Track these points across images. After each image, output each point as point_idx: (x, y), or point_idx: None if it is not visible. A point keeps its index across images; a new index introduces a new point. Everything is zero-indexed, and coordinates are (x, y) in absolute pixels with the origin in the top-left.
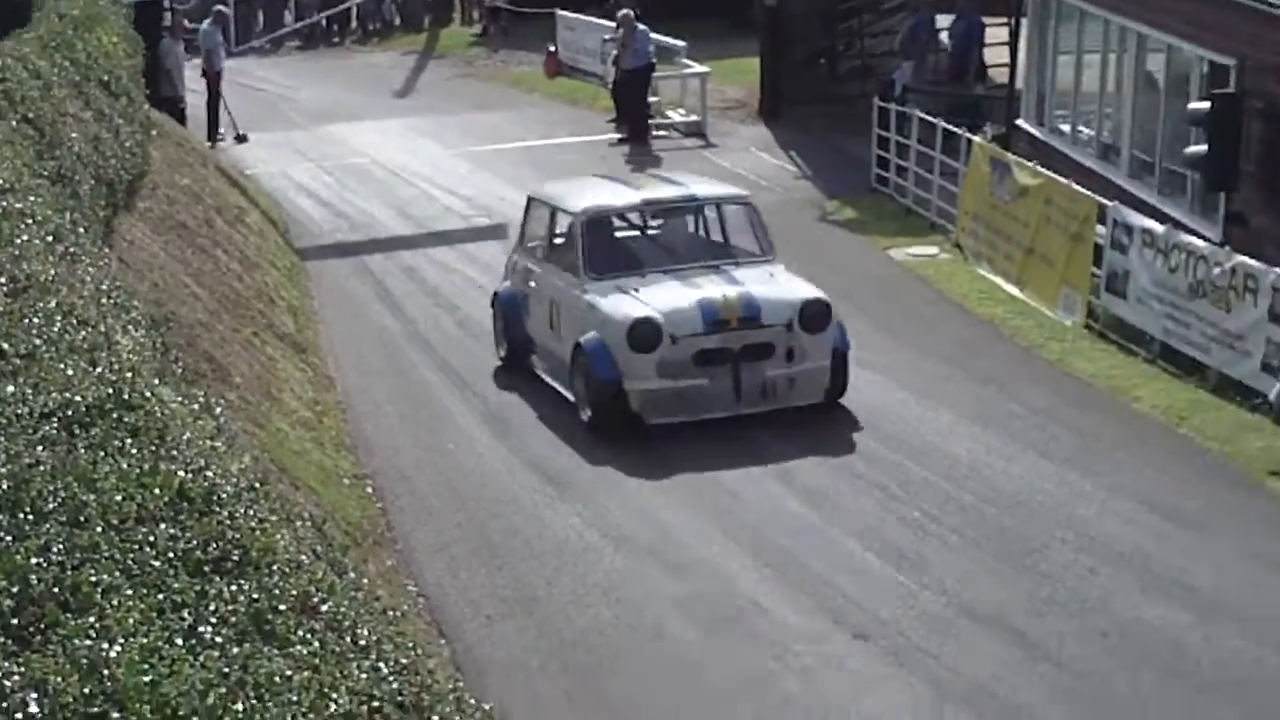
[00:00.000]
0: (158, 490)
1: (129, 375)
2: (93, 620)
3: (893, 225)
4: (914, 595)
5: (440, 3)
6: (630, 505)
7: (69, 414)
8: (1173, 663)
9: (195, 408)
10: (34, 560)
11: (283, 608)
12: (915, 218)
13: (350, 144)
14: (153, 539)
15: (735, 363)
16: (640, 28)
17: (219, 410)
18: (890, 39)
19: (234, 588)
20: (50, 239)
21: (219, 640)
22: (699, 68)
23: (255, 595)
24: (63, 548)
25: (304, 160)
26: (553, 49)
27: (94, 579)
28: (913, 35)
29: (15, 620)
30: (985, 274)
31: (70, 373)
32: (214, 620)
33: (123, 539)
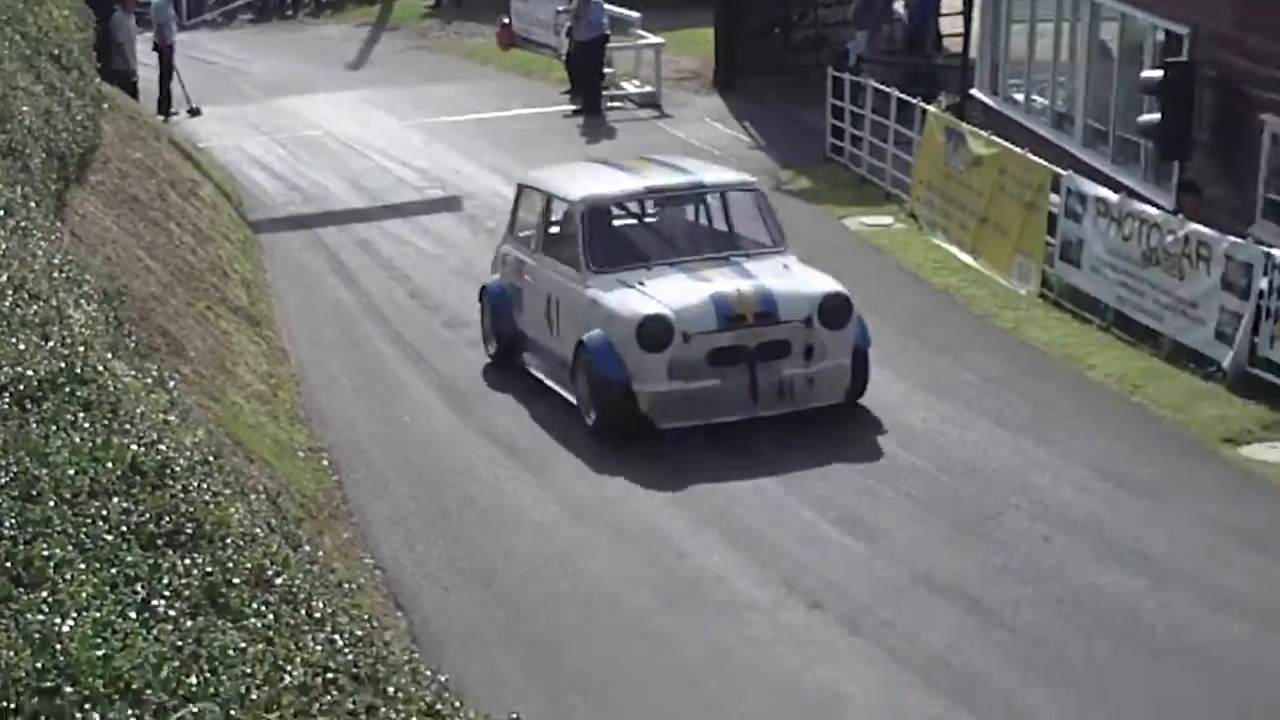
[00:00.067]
0: (110, 464)
1: (81, 349)
2: (45, 594)
3: (847, 195)
4: (868, 563)
5: None
6: (587, 475)
7: (21, 388)
8: (1127, 629)
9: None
10: None
11: (236, 581)
12: (870, 187)
13: (303, 116)
14: (105, 513)
15: (751, 362)
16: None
17: (172, 384)
18: (844, 9)
19: (187, 561)
20: (1, 213)
21: (172, 614)
22: (653, 39)
23: (209, 568)
24: (15, 522)
25: (257, 133)
26: (506, 21)
27: (46, 553)
28: (866, 5)
29: None
30: (940, 243)
31: (22, 347)
32: (167, 594)
33: (75, 513)
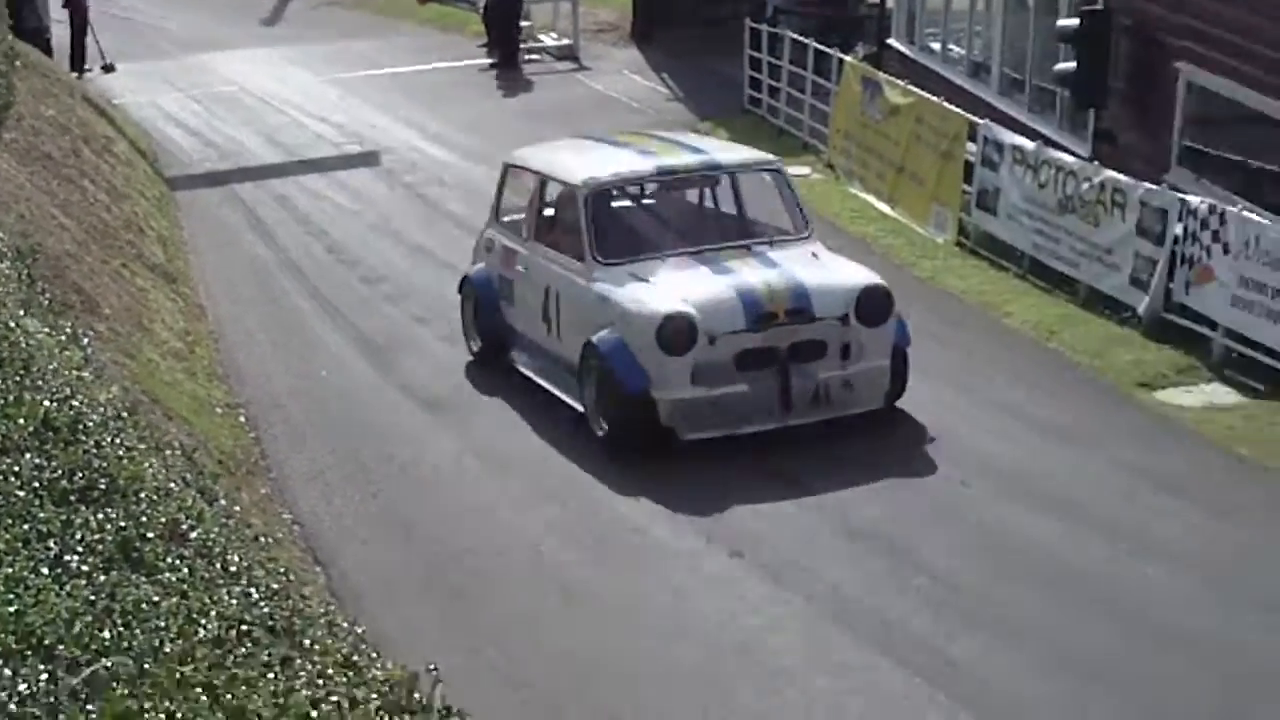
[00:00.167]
0: (22, 420)
1: None
2: None
3: (765, 146)
4: (787, 511)
5: None
6: (507, 428)
7: None
8: (1045, 573)
9: (62, 339)
10: None
11: (151, 535)
12: (788, 138)
13: (219, 73)
14: (17, 469)
15: (783, 364)
16: None
17: (86, 341)
18: None
19: (100, 516)
20: None
21: (85, 569)
22: None
23: (123, 523)
24: None
25: (172, 89)
26: None
27: None
28: None
29: None
30: (857, 193)
31: None
32: (80, 549)
33: None
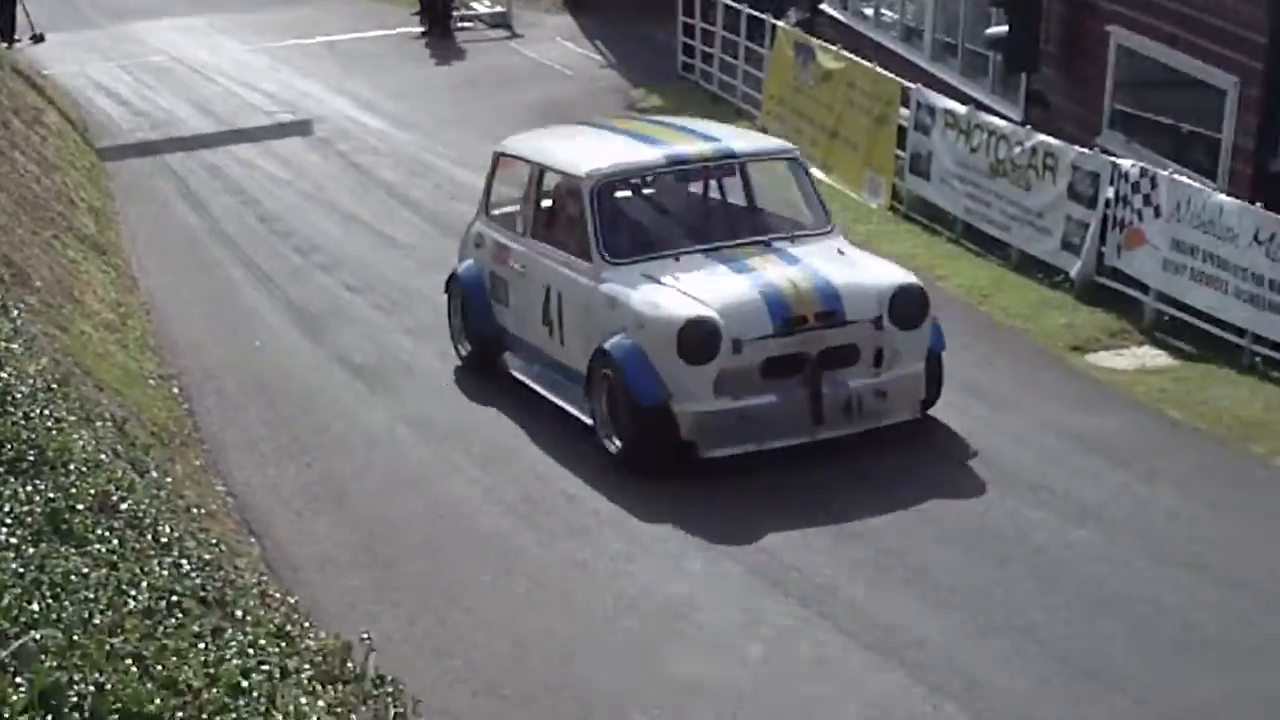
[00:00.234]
0: None
1: None
2: None
3: (699, 112)
4: (718, 480)
5: None
6: (441, 397)
7: None
8: (974, 535)
9: None
10: None
11: (80, 507)
12: (721, 104)
13: (149, 42)
14: None
15: (813, 372)
16: None
17: (16, 313)
18: None
19: (29, 488)
20: None
21: (14, 541)
22: None
23: (52, 495)
24: None
25: (103, 59)
26: None
27: None
28: None
29: None
30: None
31: None
32: (9, 521)
33: None
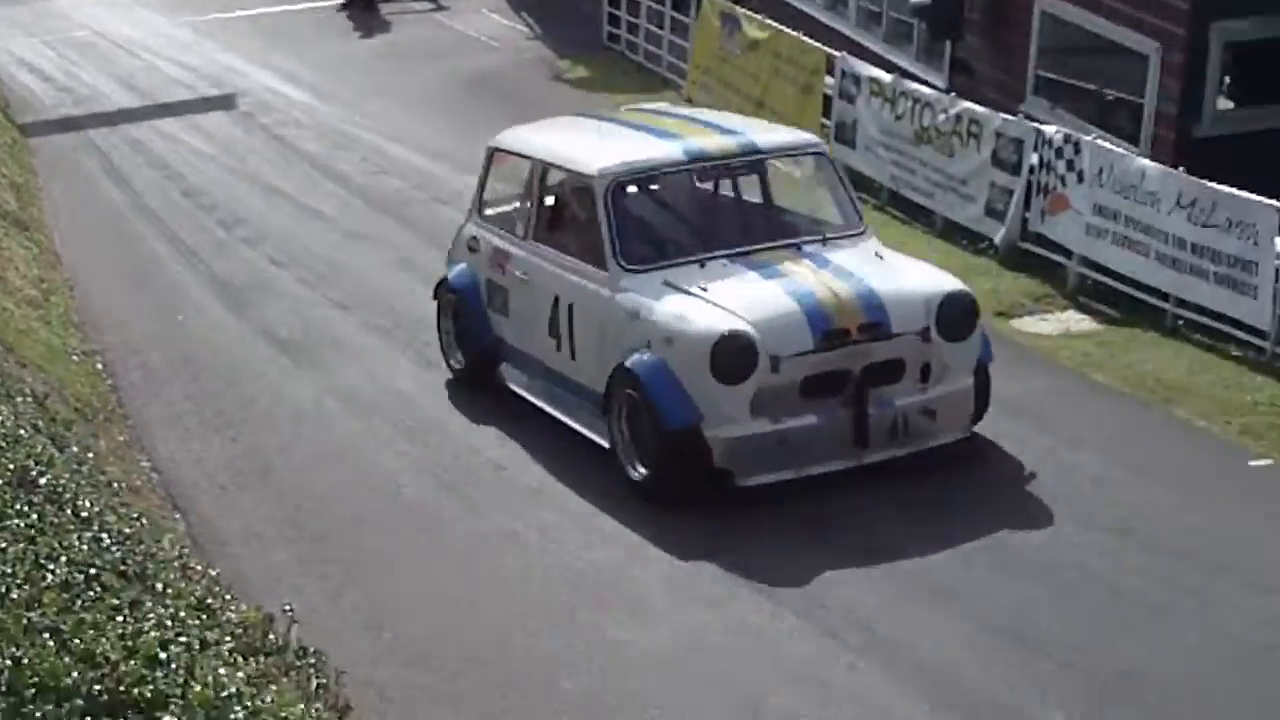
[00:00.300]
0: None
1: None
2: None
3: (625, 82)
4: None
5: None
6: (367, 370)
7: None
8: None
9: None
10: None
11: None
12: (647, 74)
13: (72, 18)
14: None
15: (858, 390)
16: None
17: None
18: None
19: None
20: None
21: None
22: None
23: None
24: None
25: (25, 35)
26: None
27: None
28: None
29: None
30: None
31: None
32: None
33: None
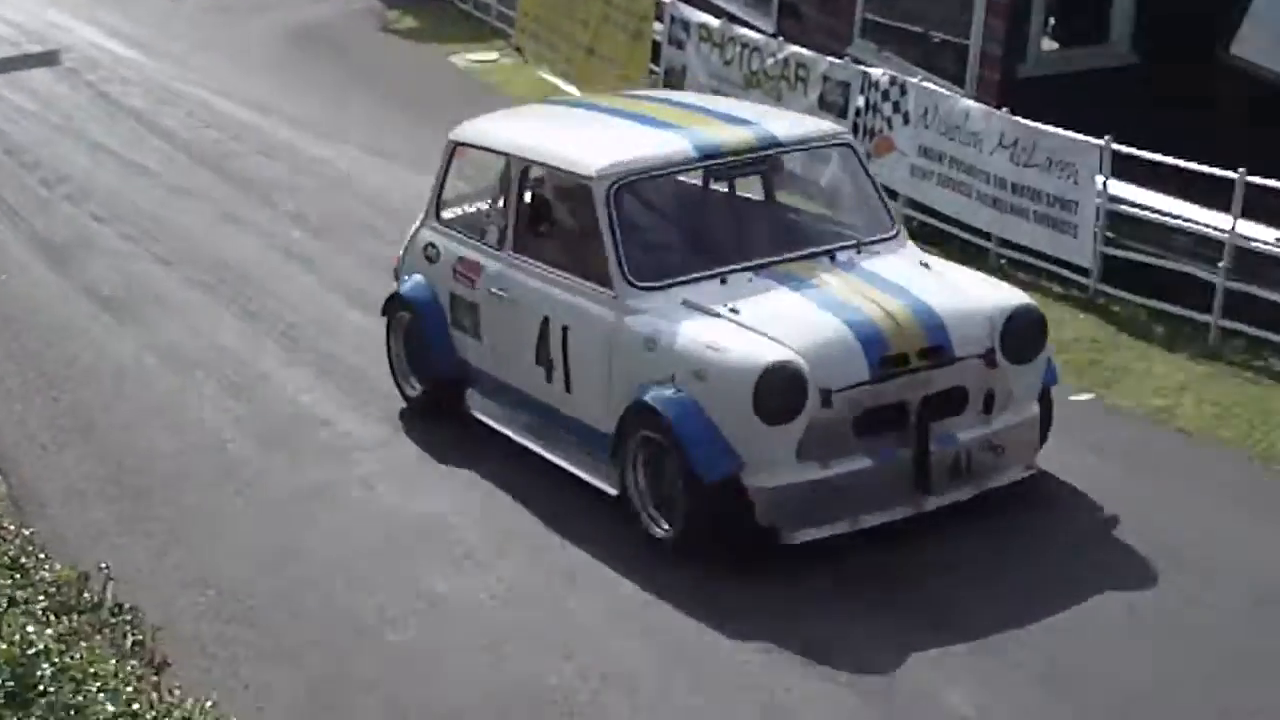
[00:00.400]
0: None
1: None
2: None
3: (454, 31)
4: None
5: None
6: (189, 327)
7: None
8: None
9: None
10: None
11: None
12: (476, 23)
13: None
14: None
15: (919, 426)
16: None
17: None
18: None
19: None
20: None
21: None
22: None
23: None
24: None
25: None
26: None
27: None
28: None
29: None
30: (546, 76)
31: None
32: None
33: None
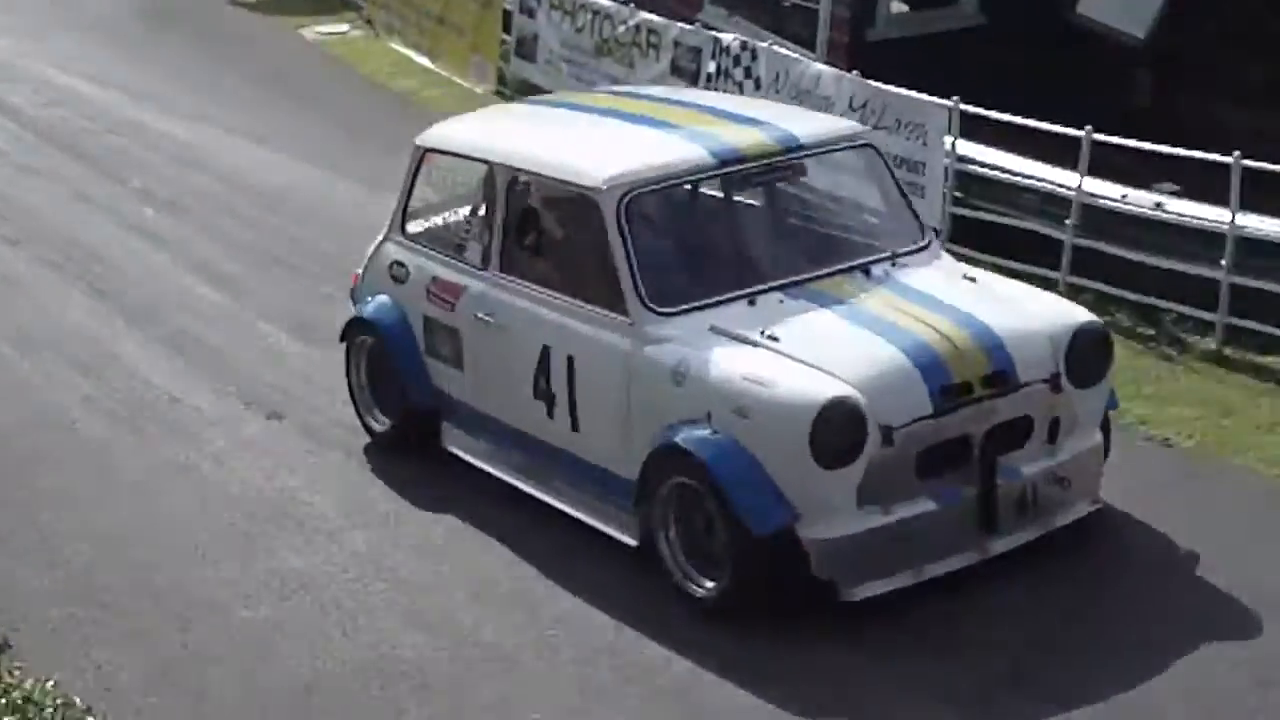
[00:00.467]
0: None
1: None
2: None
3: (303, 4)
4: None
5: None
6: (37, 304)
7: None
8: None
9: None
10: None
11: None
12: None
13: None
14: None
15: (985, 462)
16: None
17: None
18: None
19: None
20: None
21: None
22: None
23: None
24: None
25: None
26: None
27: None
28: None
29: None
30: (397, 48)
31: None
32: None
33: None
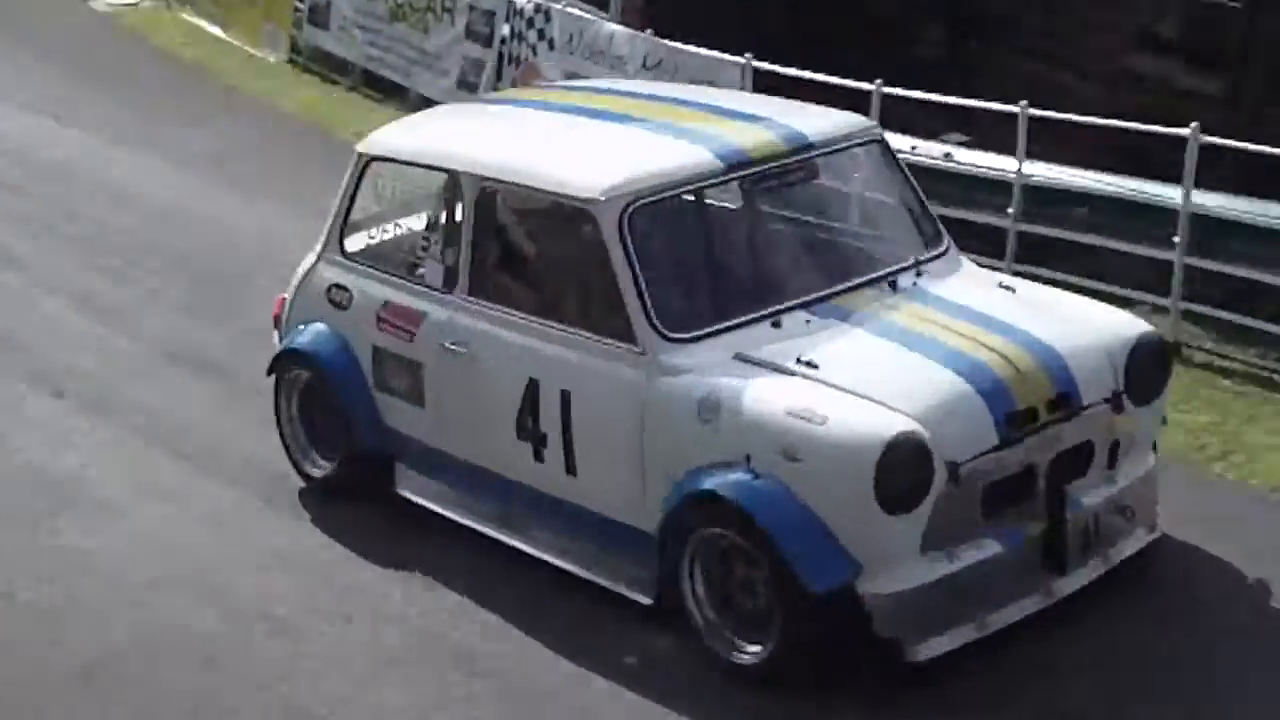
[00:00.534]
0: None
1: None
2: None
3: None
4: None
5: None
6: None
7: None
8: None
9: None
10: None
11: None
12: None
13: None
14: None
15: (1053, 495)
16: None
17: None
18: None
19: None
20: None
21: None
22: None
23: None
24: None
25: None
26: None
27: None
28: None
29: None
30: (189, 18)
31: None
32: None
33: None
